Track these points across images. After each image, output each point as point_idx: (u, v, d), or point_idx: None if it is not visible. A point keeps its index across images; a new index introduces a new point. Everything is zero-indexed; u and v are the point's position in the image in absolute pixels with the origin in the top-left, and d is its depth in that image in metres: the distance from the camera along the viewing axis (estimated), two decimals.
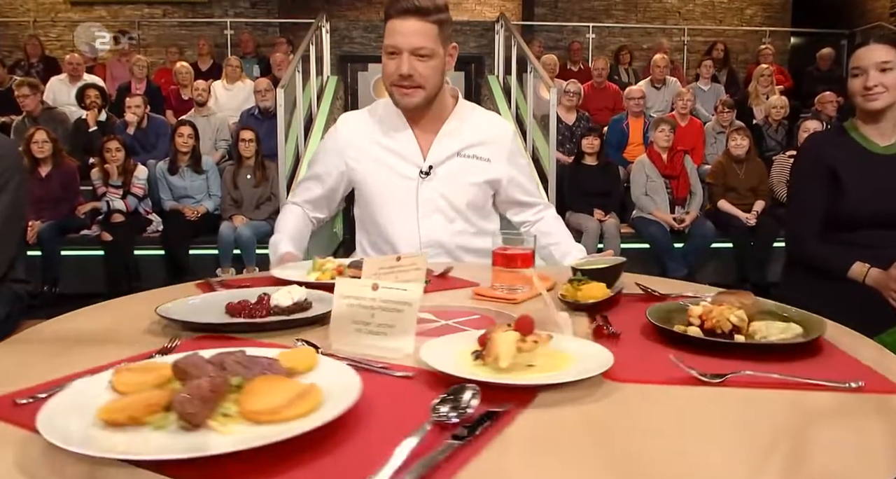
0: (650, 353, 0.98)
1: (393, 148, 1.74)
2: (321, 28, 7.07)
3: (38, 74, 7.18)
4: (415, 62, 1.60)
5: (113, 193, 4.84)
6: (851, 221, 1.85)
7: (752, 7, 9.91)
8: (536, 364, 0.86)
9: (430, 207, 1.74)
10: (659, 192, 5.07)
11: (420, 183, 1.73)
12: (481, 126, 1.78)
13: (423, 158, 1.74)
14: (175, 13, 9.12)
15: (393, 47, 1.60)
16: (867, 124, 1.89)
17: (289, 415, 0.68)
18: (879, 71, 1.79)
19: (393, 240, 1.77)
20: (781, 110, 5.96)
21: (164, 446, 0.65)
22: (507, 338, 0.85)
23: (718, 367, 0.88)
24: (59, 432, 0.65)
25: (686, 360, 0.89)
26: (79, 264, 4.76)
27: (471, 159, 1.75)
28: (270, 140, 5.17)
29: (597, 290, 1.23)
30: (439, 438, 0.68)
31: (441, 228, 1.75)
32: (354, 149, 1.76)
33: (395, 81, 1.63)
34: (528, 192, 1.87)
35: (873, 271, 1.77)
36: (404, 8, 1.57)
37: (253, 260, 4.79)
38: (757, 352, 0.97)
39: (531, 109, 5.95)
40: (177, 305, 1.15)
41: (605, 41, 9.22)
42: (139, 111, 5.53)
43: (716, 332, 1.01)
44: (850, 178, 1.85)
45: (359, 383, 0.76)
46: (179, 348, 1.00)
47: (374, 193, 1.77)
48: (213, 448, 0.63)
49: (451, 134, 1.74)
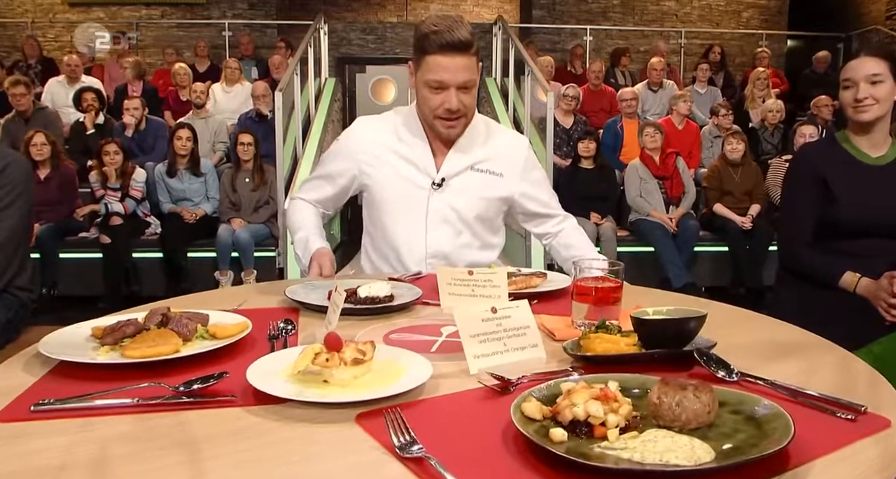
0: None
1: (408, 157, 1.76)
2: (319, 30, 7.08)
3: (36, 75, 7.19)
4: (461, 96, 1.64)
5: (111, 196, 4.85)
6: (843, 231, 1.87)
7: (748, 10, 9.94)
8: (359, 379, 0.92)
9: (439, 218, 1.76)
10: (653, 193, 5.10)
11: (431, 194, 1.75)
12: (495, 141, 1.80)
13: (436, 169, 1.76)
14: (173, 14, 9.12)
15: (439, 83, 1.62)
16: (858, 135, 1.92)
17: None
18: (870, 83, 1.82)
19: (397, 246, 1.79)
20: (777, 114, 5.99)
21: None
22: (307, 351, 0.93)
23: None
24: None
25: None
26: (77, 267, 4.77)
27: (483, 174, 1.77)
28: (268, 142, 5.18)
29: (624, 344, 1.04)
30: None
31: (447, 240, 1.77)
32: (369, 153, 1.78)
33: (440, 115, 1.66)
34: (545, 204, 1.88)
35: (864, 280, 1.80)
36: (449, 43, 1.57)
37: (251, 263, 4.81)
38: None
39: (528, 112, 5.97)
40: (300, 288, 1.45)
41: (603, 44, 9.25)
42: (137, 113, 5.54)
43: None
44: (842, 188, 1.87)
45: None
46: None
47: (385, 199, 1.79)
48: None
49: (465, 148, 1.76)
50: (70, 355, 1.04)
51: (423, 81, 1.65)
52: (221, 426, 0.83)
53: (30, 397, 0.91)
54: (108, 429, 0.83)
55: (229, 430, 0.82)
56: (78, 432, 0.82)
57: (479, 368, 1.00)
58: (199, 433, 0.82)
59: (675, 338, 1.03)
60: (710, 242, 5.08)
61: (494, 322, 1.06)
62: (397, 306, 1.36)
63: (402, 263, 1.79)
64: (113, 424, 0.84)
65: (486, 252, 1.83)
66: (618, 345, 1.02)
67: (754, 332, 1.26)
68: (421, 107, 1.72)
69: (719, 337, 1.08)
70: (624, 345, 1.03)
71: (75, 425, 0.84)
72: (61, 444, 0.78)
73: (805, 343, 1.19)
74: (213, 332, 1.14)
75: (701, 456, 0.70)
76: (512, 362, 1.03)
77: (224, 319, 1.21)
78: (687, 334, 1.04)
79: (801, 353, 1.13)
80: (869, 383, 0.98)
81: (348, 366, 0.91)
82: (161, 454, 0.76)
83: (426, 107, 1.68)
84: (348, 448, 0.77)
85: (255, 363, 0.98)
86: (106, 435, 0.81)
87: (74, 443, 0.79)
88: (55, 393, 0.91)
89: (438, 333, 1.19)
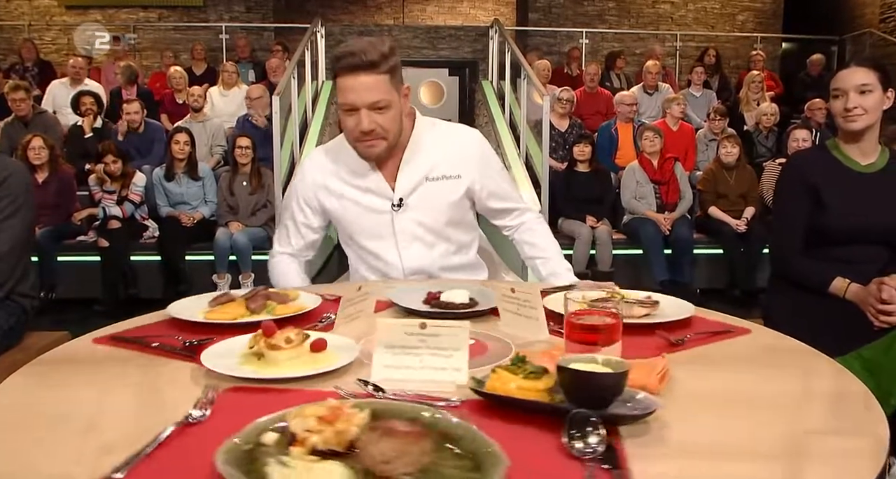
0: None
1: (361, 185, 1.74)
2: (316, 33, 7.11)
3: (34, 78, 7.21)
4: (374, 116, 1.58)
5: (109, 200, 4.87)
6: (833, 238, 1.91)
7: (743, 13, 10.00)
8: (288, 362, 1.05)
9: (408, 236, 1.75)
10: (647, 197, 5.14)
11: (394, 216, 1.73)
12: (443, 143, 1.75)
13: (392, 189, 1.73)
14: (170, 17, 9.14)
15: (349, 105, 1.58)
16: (848, 144, 1.95)
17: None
18: (859, 93, 1.85)
19: (376, 268, 1.80)
20: (772, 118, 6.03)
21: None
22: (254, 337, 1.11)
23: None
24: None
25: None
26: (75, 270, 4.78)
27: (440, 181, 1.73)
28: (265, 146, 5.21)
29: (541, 385, 0.91)
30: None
31: (421, 256, 1.77)
32: (324, 189, 1.77)
33: (357, 137, 1.63)
34: (503, 197, 1.84)
35: (853, 286, 1.83)
36: (353, 65, 1.54)
37: (249, 266, 4.83)
38: None
39: (524, 114, 6.00)
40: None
41: (599, 46, 9.29)
42: (137, 117, 5.56)
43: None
44: (832, 195, 1.91)
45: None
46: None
47: (350, 227, 1.79)
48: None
49: (413, 161, 1.72)
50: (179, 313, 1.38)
51: (339, 104, 1.63)
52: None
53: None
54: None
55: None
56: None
57: (382, 377, 1.01)
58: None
59: (595, 392, 0.87)
60: (705, 244, 5.12)
61: (417, 338, 1.03)
62: (473, 312, 1.38)
63: (388, 277, 1.79)
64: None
65: (462, 254, 1.83)
66: (508, 386, 0.91)
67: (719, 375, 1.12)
68: (342, 131, 1.69)
69: (689, 376, 1.03)
70: (532, 387, 0.91)
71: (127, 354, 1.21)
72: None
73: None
74: (277, 310, 1.37)
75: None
76: (425, 379, 1.00)
77: (307, 301, 1.45)
78: (607, 390, 0.87)
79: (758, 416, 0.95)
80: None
81: (280, 349, 1.06)
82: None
83: (345, 130, 1.65)
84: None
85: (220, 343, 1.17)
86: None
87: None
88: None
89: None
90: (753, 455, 0.83)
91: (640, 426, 0.87)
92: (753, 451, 0.84)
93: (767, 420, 0.92)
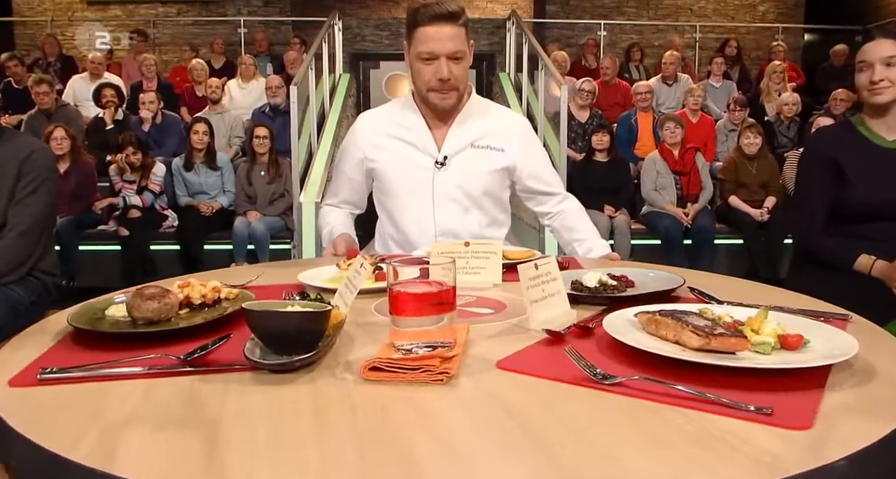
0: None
1: (409, 140, 1.80)
2: (333, 26, 7.12)
3: (56, 73, 7.29)
4: (452, 66, 1.67)
5: (129, 189, 4.92)
6: (857, 214, 1.87)
7: (764, 4, 9.86)
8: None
9: (446, 197, 1.79)
10: (668, 188, 5.09)
11: (436, 173, 1.78)
12: (493, 118, 1.83)
13: (438, 149, 1.79)
14: (189, 12, 9.21)
15: (429, 53, 1.66)
16: (874, 118, 1.91)
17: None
18: (885, 65, 1.81)
19: (408, 228, 1.82)
20: (793, 107, 5.95)
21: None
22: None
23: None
24: None
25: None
26: (96, 259, 4.84)
27: (484, 150, 1.79)
28: (283, 137, 5.23)
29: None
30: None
31: (455, 218, 1.80)
32: (371, 142, 1.83)
33: (433, 86, 1.70)
34: (546, 182, 1.89)
35: (879, 262, 1.80)
36: (437, 14, 1.62)
37: (266, 255, 4.86)
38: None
39: (542, 106, 5.97)
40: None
41: (617, 38, 9.22)
42: (153, 107, 5.61)
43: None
44: (856, 171, 1.87)
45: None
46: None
47: (392, 182, 1.82)
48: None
49: (464, 126, 1.79)
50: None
51: (415, 54, 1.68)
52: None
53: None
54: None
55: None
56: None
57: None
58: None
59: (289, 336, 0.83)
60: (726, 234, 5.06)
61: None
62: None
63: (412, 245, 1.81)
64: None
65: (495, 229, 1.86)
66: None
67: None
68: (415, 82, 1.75)
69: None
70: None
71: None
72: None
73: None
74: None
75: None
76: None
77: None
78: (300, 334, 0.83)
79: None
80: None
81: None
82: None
83: (419, 80, 1.71)
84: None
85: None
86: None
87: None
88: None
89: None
90: None
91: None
92: None
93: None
